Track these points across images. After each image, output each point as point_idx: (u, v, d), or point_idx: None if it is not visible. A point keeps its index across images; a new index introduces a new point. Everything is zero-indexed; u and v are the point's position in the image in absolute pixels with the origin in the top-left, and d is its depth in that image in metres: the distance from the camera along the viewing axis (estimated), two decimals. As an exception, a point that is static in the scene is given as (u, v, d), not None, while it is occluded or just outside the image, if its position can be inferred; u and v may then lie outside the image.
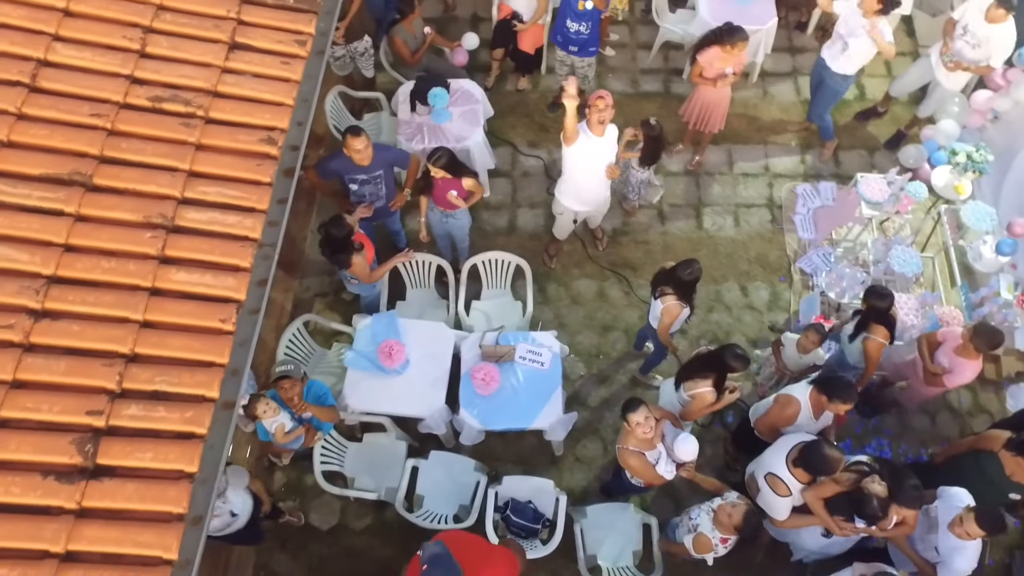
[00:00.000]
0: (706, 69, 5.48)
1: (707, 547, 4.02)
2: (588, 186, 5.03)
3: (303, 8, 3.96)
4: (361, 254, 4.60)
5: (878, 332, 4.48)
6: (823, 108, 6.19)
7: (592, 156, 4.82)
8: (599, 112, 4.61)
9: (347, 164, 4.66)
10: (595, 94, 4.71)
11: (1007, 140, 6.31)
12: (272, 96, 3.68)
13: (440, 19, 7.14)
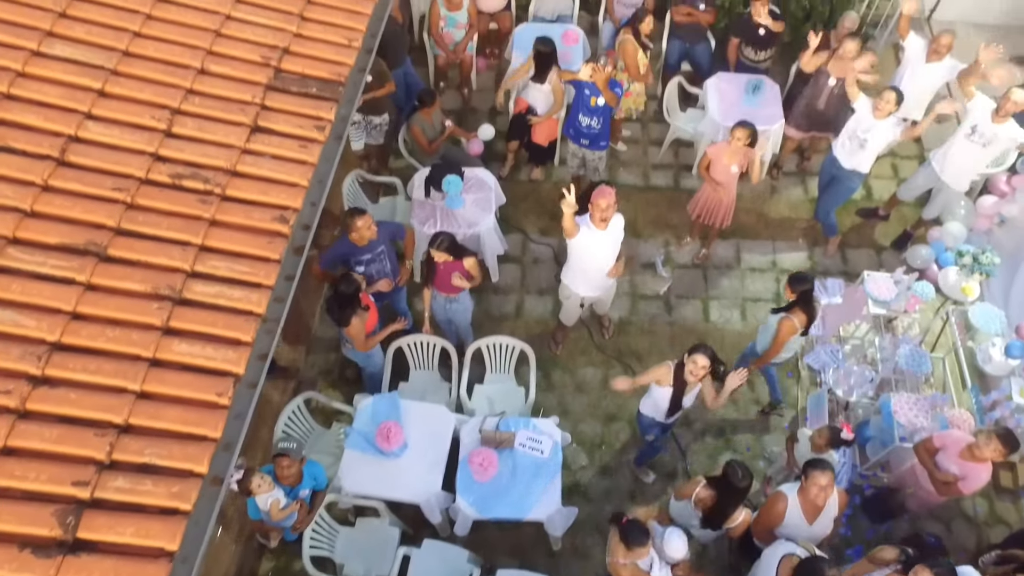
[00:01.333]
0: (713, 163, 5.62)
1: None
2: (593, 273, 5.08)
3: (325, 96, 4.16)
4: (361, 317, 4.63)
5: (797, 315, 4.74)
6: (832, 205, 6.29)
7: (596, 247, 4.90)
8: (601, 211, 4.69)
9: (350, 247, 4.77)
10: (597, 191, 4.79)
11: (1015, 243, 6.35)
12: (288, 177, 3.81)
13: (459, 110, 7.43)
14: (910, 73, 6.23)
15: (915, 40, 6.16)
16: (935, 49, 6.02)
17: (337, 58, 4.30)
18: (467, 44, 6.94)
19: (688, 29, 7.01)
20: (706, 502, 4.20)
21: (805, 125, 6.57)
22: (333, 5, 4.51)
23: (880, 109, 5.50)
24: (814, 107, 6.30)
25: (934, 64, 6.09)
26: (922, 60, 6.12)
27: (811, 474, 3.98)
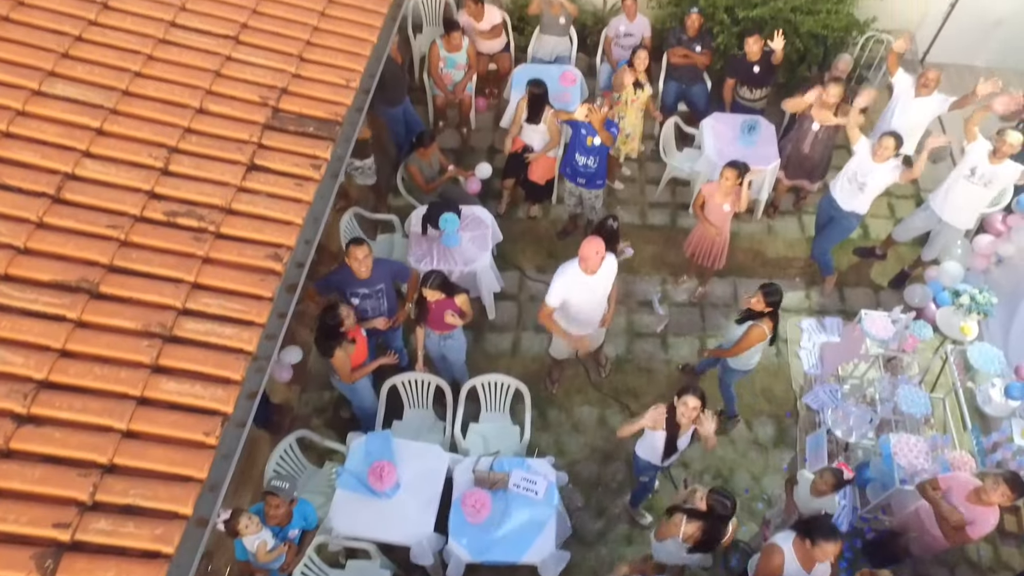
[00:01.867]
0: (707, 203, 5.65)
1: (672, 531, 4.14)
2: (582, 316, 5.05)
3: (322, 136, 4.21)
4: (346, 350, 4.60)
5: (767, 323, 4.91)
6: (828, 245, 6.30)
7: (586, 292, 4.83)
8: (586, 262, 4.60)
9: (348, 278, 4.77)
10: (585, 242, 4.62)
11: (1013, 283, 6.34)
12: (283, 215, 3.84)
13: (458, 149, 7.51)
14: (900, 108, 6.29)
15: (903, 77, 6.24)
16: (923, 83, 6.09)
17: (335, 98, 4.37)
18: (466, 84, 7.04)
19: (684, 71, 7.12)
20: (696, 536, 4.11)
21: (792, 172, 6.63)
22: (332, 47, 4.60)
23: (879, 154, 5.54)
24: (799, 151, 6.36)
25: (923, 99, 6.15)
26: (911, 95, 6.19)
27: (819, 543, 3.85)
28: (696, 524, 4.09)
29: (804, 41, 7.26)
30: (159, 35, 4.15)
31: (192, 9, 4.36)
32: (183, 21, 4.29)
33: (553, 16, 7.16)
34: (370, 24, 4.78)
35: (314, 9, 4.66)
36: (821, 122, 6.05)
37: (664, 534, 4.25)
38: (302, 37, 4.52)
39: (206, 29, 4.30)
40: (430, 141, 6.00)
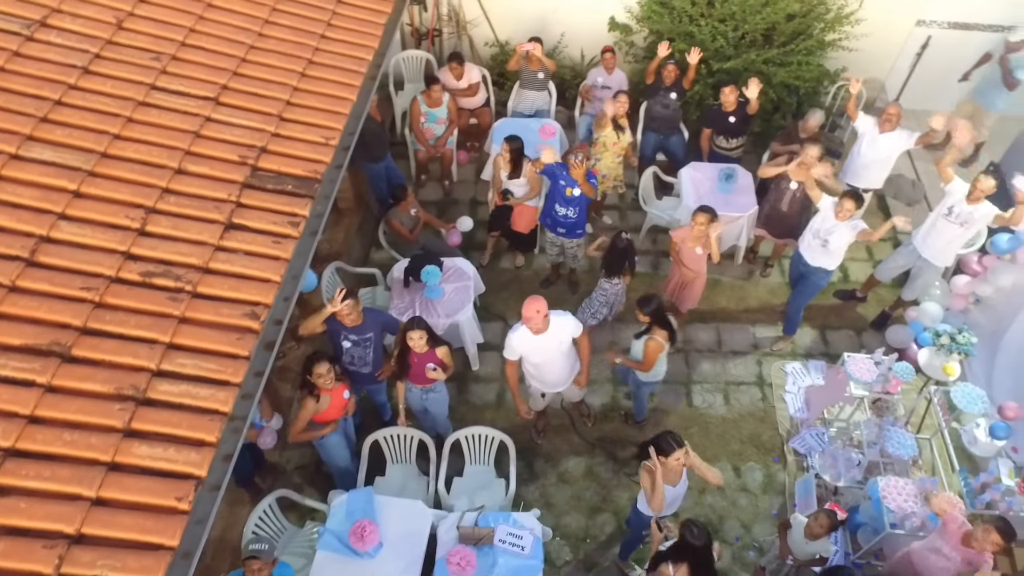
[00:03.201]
0: (680, 248, 5.72)
1: None
2: (546, 374, 5.03)
3: (300, 193, 4.24)
4: (316, 401, 4.55)
5: (659, 333, 5.10)
6: (802, 301, 6.34)
7: (538, 351, 4.82)
8: (527, 322, 4.61)
9: (337, 324, 4.76)
10: (525, 303, 4.60)
11: (992, 323, 6.40)
12: (261, 273, 3.84)
13: (440, 202, 7.58)
14: (867, 144, 6.44)
15: (865, 119, 6.44)
16: (886, 119, 6.25)
17: (314, 156, 4.43)
18: (447, 139, 7.16)
19: (662, 122, 7.27)
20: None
21: (772, 230, 6.66)
22: (312, 106, 4.68)
23: (840, 214, 5.62)
24: (778, 210, 6.41)
25: (888, 134, 6.31)
26: (876, 132, 6.35)
27: None
28: (683, 567, 4.02)
29: (777, 92, 7.45)
30: (139, 97, 4.21)
31: (173, 72, 4.44)
32: (164, 83, 4.36)
33: (532, 71, 7.33)
34: (349, 84, 4.88)
35: (294, 70, 4.76)
36: (799, 180, 6.11)
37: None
38: (282, 97, 4.60)
39: (186, 91, 4.37)
40: (405, 193, 6.08)
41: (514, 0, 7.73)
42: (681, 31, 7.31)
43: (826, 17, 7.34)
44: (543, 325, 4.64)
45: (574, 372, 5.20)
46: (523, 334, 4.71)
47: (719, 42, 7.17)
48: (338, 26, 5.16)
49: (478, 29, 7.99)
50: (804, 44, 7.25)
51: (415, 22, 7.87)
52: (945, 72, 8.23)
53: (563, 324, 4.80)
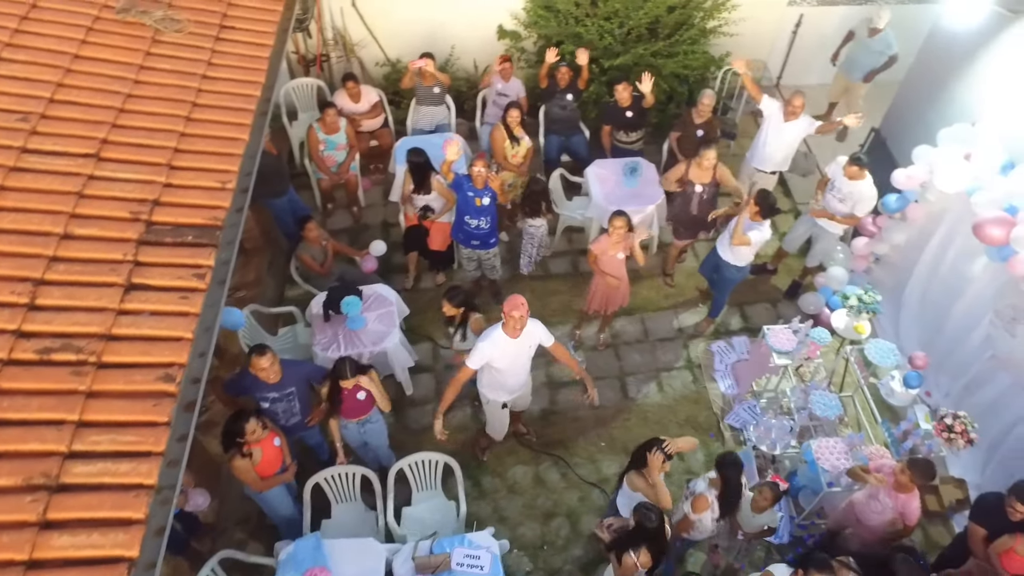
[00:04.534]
0: (601, 259, 5.73)
1: (704, 505, 4.51)
2: (510, 375, 5.00)
3: (203, 243, 4.05)
4: (248, 459, 4.40)
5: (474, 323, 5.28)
6: (726, 294, 6.55)
7: (511, 357, 4.80)
8: (514, 321, 4.56)
9: (256, 382, 4.58)
10: (508, 302, 4.60)
11: (892, 279, 6.78)
12: (170, 332, 3.65)
13: (351, 229, 7.44)
14: (774, 133, 6.71)
15: (769, 102, 6.68)
16: (791, 111, 6.53)
17: (212, 202, 4.24)
18: (350, 164, 7.03)
19: (561, 123, 7.37)
20: (648, 562, 4.10)
21: (683, 234, 6.78)
22: (203, 151, 4.48)
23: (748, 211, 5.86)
24: (688, 214, 6.50)
25: (792, 123, 6.59)
26: (781, 120, 6.62)
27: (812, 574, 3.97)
28: (643, 551, 4.10)
29: (668, 82, 7.68)
30: (10, 163, 3.93)
31: (45, 131, 4.16)
32: (36, 145, 4.09)
33: (427, 87, 7.29)
34: (239, 123, 4.70)
35: (179, 115, 4.55)
36: (701, 183, 6.26)
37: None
38: (169, 145, 4.39)
39: (63, 150, 4.11)
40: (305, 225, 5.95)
41: (400, 18, 7.68)
42: (569, 33, 7.43)
43: (704, 6, 7.62)
44: (522, 324, 4.61)
45: (529, 376, 5.18)
46: (498, 339, 4.64)
47: (607, 40, 7.32)
48: (219, 64, 4.96)
49: (366, 50, 7.89)
50: (687, 34, 7.50)
51: (301, 50, 7.70)
52: (820, 46, 8.69)
53: (534, 329, 4.79)
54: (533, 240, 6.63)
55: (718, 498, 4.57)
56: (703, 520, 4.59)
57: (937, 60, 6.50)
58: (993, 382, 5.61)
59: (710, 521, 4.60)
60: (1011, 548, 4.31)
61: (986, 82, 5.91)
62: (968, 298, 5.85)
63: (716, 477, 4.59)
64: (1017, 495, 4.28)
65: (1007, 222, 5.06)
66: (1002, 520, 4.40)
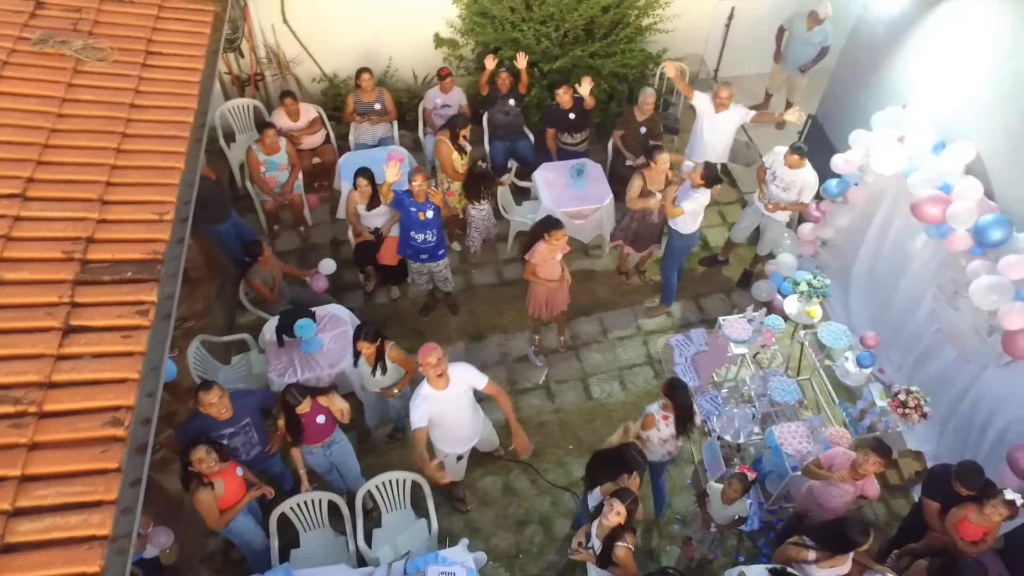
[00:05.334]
0: (540, 267, 5.67)
1: (652, 423, 4.83)
2: (455, 429, 4.84)
3: (143, 278, 3.91)
4: (209, 491, 4.25)
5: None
6: (671, 265, 6.61)
7: (445, 408, 4.63)
8: (432, 368, 4.39)
9: (209, 421, 4.44)
10: (421, 350, 4.44)
11: (839, 262, 6.94)
12: (115, 374, 3.51)
13: (299, 249, 7.30)
14: (708, 125, 6.83)
15: (700, 97, 6.82)
16: (719, 102, 6.66)
17: (150, 235, 4.10)
18: (293, 183, 6.90)
19: (506, 129, 7.35)
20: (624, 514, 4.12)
21: (643, 245, 6.76)
22: (137, 182, 4.33)
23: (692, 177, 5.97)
24: (649, 223, 6.49)
25: (724, 113, 6.72)
26: (712, 112, 6.74)
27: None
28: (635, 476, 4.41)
29: (608, 82, 7.73)
30: (-71, 210, 3.75)
31: (-36, 175, 3.98)
32: (-45, 189, 3.90)
33: (367, 103, 7.20)
34: (174, 151, 4.55)
35: (108, 147, 4.38)
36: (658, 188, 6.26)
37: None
38: (100, 179, 4.22)
39: (-15, 192, 3.93)
40: (261, 249, 5.79)
41: (334, 32, 7.56)
42: (506, 38, 7.42)
43: (638, 4, 7.69)
44: (441, 370, 4.40)
45: (480, 422, 5.02)
46: (427, 395, 4.47)
47: (544, 44, 7.34)
48: (148, 91, 4.80)
49: (302, 66, 7.76)
50: (624, 33, 7.56)
51: (234, 70, 7.52)
52: (754, 37, 8.87)
53: (463, 374, 4.60)
54: (477, 223, 6.79)
55: (675, 420, 4.79)
56: (652, 437, 4.90)
57: (866, 45, 6.68)
58: (940, 355, 5.78)
59: (658, 440, 4.90)
60: (964, 517, 4.45)
61: (914, 65, 6.08)
62: (911, 274, 6.02)
63: (667, 402, 4.76)
64: (960, 479, 4.48)
65: (942, 200, 5.22)
66: (952, 492, 4.57)
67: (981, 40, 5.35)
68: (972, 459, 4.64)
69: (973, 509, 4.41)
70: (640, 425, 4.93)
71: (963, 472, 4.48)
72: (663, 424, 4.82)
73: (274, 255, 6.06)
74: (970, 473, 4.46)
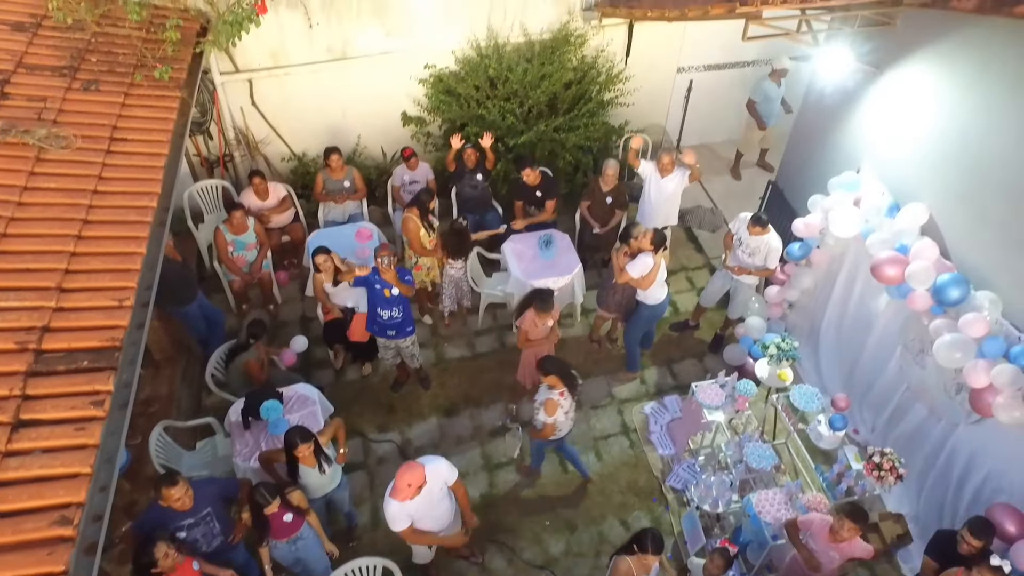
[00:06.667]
0: (531, 332, 5.73)
1: (554, 405, 5.13)
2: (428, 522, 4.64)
3: (99, 367, 3.82)
4: None
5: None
6: (636, 332, 6.62)
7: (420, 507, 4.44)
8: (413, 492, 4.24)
9: (167, 514, 4.27)
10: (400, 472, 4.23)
11: (808, 323, 7.01)
12: (66, 469, 3.39)
13: (270, 327, 7.20)
14: (655, 189, 7.08)
15: (646, 165, 7.13)
16: (663, 168, 6.97)
17: (109, 322, 4.03)
18: (262, 262, 6.88)
19: (474, 202, 7.45)
20: None
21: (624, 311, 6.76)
22: (96, 269, 4.29)
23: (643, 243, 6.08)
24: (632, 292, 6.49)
25: (668, 178, 6.98)
26: (658, 177, 6.96)
27: None
28: None
29: (573, 154, 7.90)
30: None
31: (-83, 266, 3.92)
32: (-92, 281, 3.84)
33: (336, 181, 7.28)
34: (136, 236, 4.53)
35: (68, 234, 4.35)
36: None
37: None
38: (59, 267, 4.18)
39: (-61, 284, 3.87)
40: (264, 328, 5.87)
41: (302, 112, 7.70)
42: (471, 115, 7.60)
43: (599, 80, 7.95)
44: (418, 483, 4.25)
45: (455, 510, 4.85)
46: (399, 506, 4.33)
47: (509, 120, 7.52)
48: (111, 177, 4.81)
49: (271, 146, 7.85)
50: (586, 107, 7.77)
51: (202, 152, 7.59)
52: (713, 106, 9.20)
53: (437, 471, 4.45)
54: (453, 282, 6.89)
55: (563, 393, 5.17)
56: (558, 417, 5.22)
57: (818, 112, 6.93)
58: (912, 413, 5.79)
59: (564, 415, 5.26)
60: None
61: (865, 130, 6.30)
62: (878, 334, 6.09)
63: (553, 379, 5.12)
64: (971, 529, 4.52)
65: (900, 261, 5.33)
66: (953, 553, 4.60)
67: (923, 104, 5.58)
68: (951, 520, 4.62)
69: (963, 573, 4.35)
70: (544, 413, 5.20)
71: (974, 524, 4.55)
72: (563, 400, 5.19)
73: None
74: (981, 525, 4.53)
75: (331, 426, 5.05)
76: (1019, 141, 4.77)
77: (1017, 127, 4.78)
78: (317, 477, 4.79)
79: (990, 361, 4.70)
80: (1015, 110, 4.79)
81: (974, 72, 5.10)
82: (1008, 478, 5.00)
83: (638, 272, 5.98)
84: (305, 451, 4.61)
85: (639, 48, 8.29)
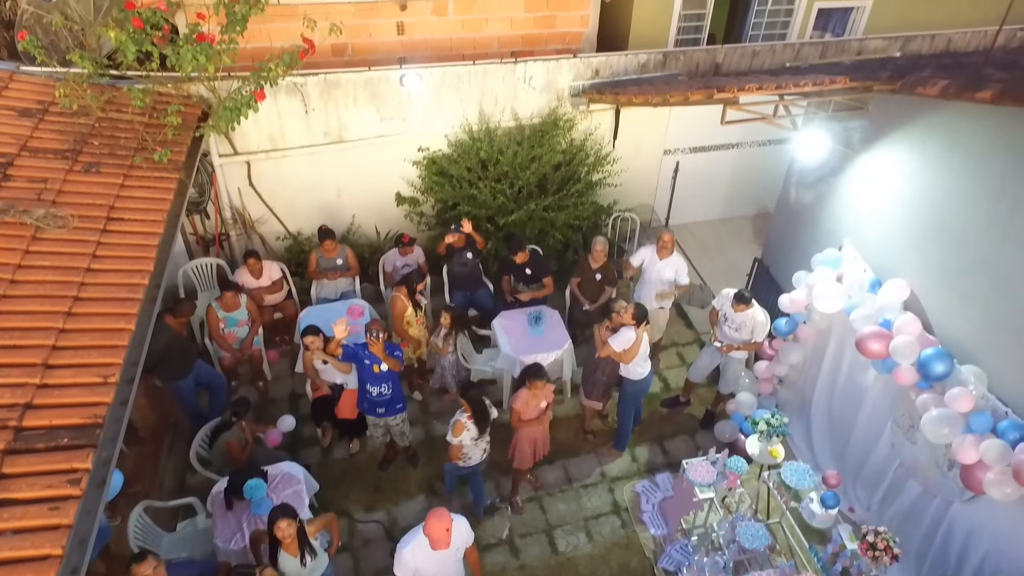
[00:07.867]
0: (523, 411, 5.71)
1: (460, 428, 5.32)
2: None
3: (79, 444, 3.80)
4: None
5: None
6: (627, 410, 6.59)
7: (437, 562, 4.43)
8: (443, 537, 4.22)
9: (141, 598, 4.16)
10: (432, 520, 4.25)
11: (798, 398, 6.99)
12: (36, 551, 3.31)
13: (258, 404, 7.17)
14: (656, 272, 7.09)
15: (638, 254, 7.24)
16: (663, 247, 7.02)
17: (92, 399, 4.02)
18: (252, 339, 6.92)
19: (465, 279, 7.54)
20: None
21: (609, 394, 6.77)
22: (84, 345, 4.31)
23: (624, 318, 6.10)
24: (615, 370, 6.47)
25: (667, 259, 7.05)
26: (656, 259, 7.04)
27: None
28: None
29: (563, 232, 8.07)
30: None
31: (-95, 343, 3.96)
32: None
33: (329, 259, 7.41)
34: (125, 312, 4.58)
35: (57, 311, 4.40)
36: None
37: None
38: (46, 343, 4.21)
39: (-77, 361, 3.89)
40: (248, 407, 5.80)
41: (298, 192, 7.90)
42: (463, 195, 7.80)
43: (587, 161, 8.19)
44: (449, 542, 4.25)
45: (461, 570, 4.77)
46: (420, 547, 4.29)
47: (500, 200, 7.71)
48: (105, 256, 4.90)
49: (267, 225, 8.02)
50: (575, 188, 7.99)
51: (199, 231, 7.75)
52: (699, 186, 9.45)
53: (459, 531, 4.46)
54: (445, 368, 6.97)
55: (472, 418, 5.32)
56: (464, 440, 5.37)
57: (799, 191, 7.13)
58: (906, 490, 5.70)
59: (470, 440, 5.41)
60: None
61: (845, 207, 6.47)
62: (868, 409, 6.06)
63: (464, 404, 5.33)
64: None
65: (884, 336, 5.37)
66: None
67: (899, 183, 5.75)
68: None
69: None
70: (451, 433, 5.37)
71: None
72: (469, 424, 5.32)
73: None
74: None
75: (323, 518, 4.95)
76: (991, 220, 4.90)
77: (986, 206, 4.93)
78: (296, 568, 4.65)
79: (978, 436, 4.67)
80: (983, 190, 4.94)
81: (943, 153, 5.29)
82: (1007, 557, 4.88)
83: (620, 346, 6.01)
84: (287, 529, 4.51)
85: (626, 131, 8.58)
